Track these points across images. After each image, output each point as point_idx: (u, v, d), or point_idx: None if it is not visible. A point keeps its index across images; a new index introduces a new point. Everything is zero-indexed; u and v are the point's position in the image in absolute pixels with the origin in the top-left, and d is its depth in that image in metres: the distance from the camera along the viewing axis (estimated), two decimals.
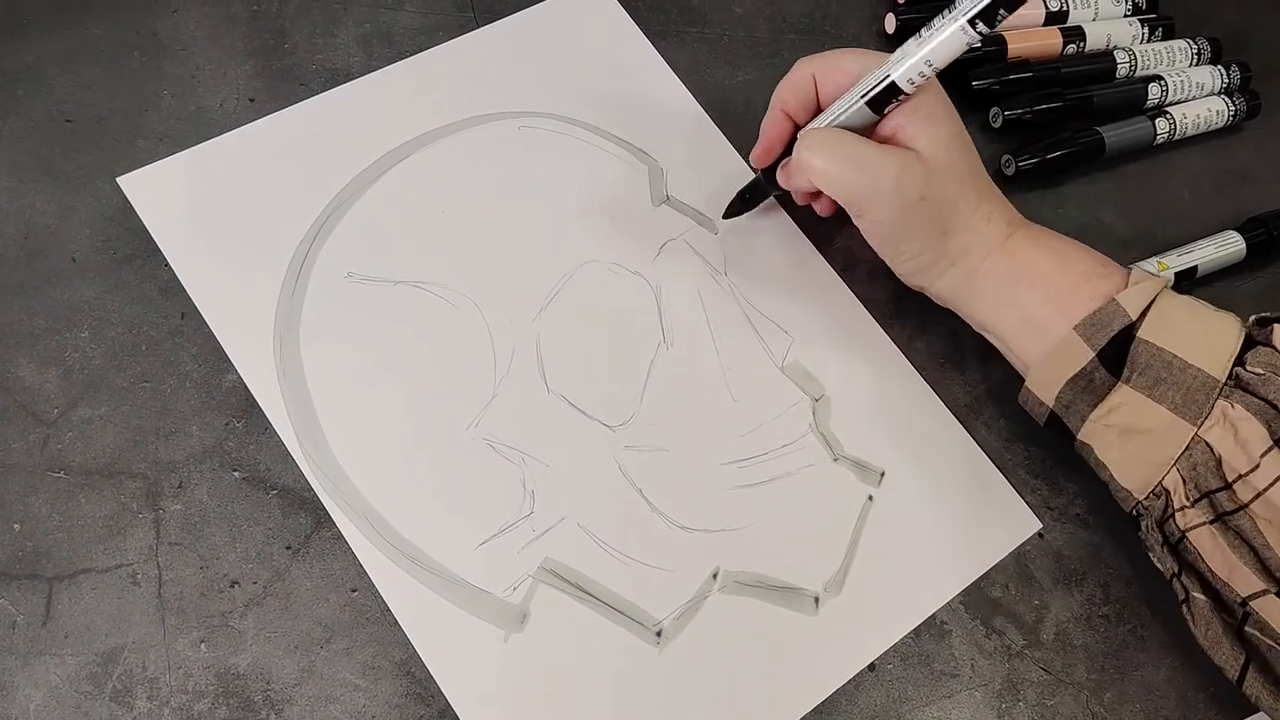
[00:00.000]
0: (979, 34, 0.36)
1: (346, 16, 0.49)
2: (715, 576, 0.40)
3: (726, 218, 0.47)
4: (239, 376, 0.41)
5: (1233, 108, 0.54)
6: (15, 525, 0.38)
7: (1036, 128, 0.52)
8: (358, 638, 0.38)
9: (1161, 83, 0.53)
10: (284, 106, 0.46)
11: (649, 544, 0.40)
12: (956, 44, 0.36)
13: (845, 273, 0.47)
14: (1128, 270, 0.40)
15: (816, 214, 0.47)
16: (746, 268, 0.47)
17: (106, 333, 0.41)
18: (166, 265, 0.42)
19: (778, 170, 0.44)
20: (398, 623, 0.38)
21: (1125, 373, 0.38)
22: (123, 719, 0.35)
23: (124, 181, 0.43)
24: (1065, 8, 0.55)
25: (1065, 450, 0.42)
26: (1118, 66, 0.54)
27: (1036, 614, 0.42)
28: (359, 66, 0.48)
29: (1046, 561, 0.43)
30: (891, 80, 0.38)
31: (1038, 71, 0.53)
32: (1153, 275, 0.39)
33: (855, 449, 0.43)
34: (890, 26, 0.53)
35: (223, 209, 0.43)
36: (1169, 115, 0.53)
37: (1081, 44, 0.54)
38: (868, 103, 0.39)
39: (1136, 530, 0.40)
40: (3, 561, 0.37)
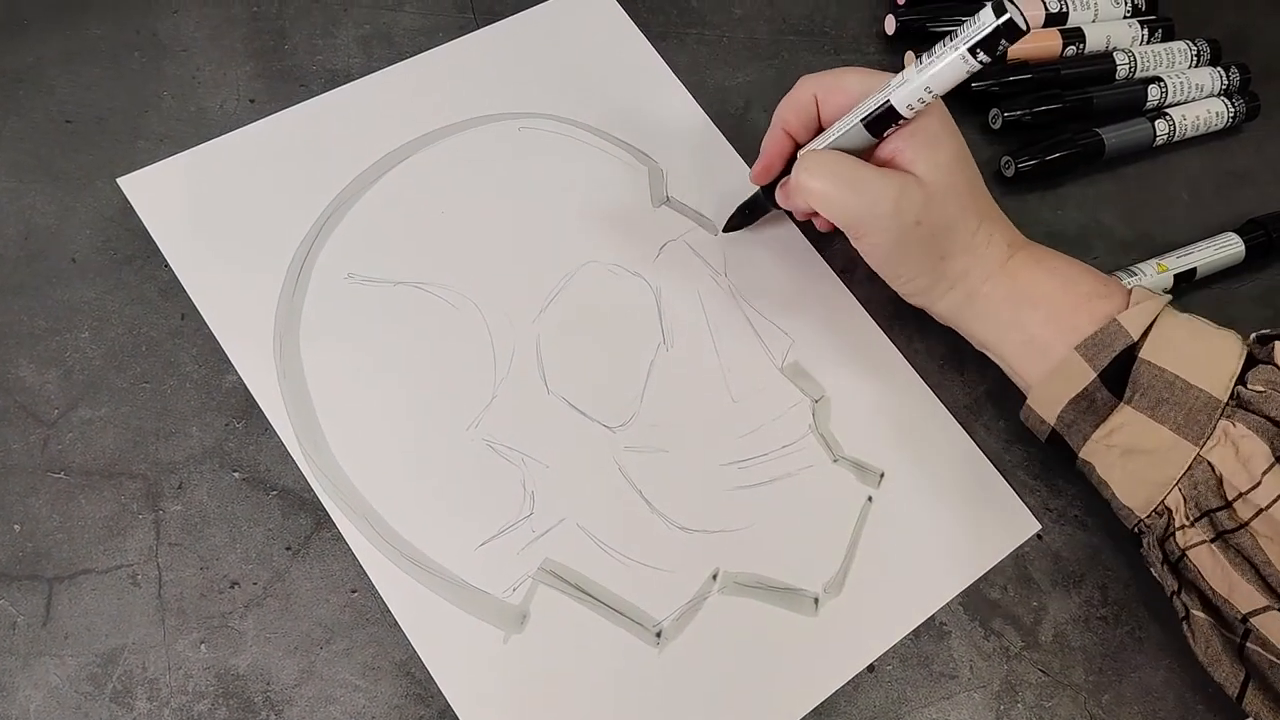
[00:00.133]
0: (980, 63, 0.35)
1: (346, 18, 0.49)
2: (715, 577, 0.40)
3: (726, 231, 0.47)
4: (239, 377, 0.41)
5: (1232, 109, 0.54)
6: (15, 526, 0.38)
7: (1036, 129, 0.52)
8: (357, 638, 0.38)
9: (1161, 84, 0.53)
10: (284, 107, 0.46)
11: (649, 545, 0.40)
12: (956, 72, 0.36)
13: (845, 274, 0.47)
14: (1129, 289, 0.40)
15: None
16: (746, 269, 0.47)
17: (107, 333, 0.41)
18: (166, 266, 0.42)
19: (777, 189, 0.44)
20: (397, 623, 0.38)
21: (1127, 393, 0.38)
22: (123, 719, 0.35)
23: (124, 182, 0.43)
24: (1065, 9, 0.55)
25: (1064, 452, 0.42)
26: (1117, 68, 0.54)
27: (1035, 615, 0.42)
28: (359, 67, 0.48)
29: (1045, 563, 0.43)
30: (890, 104, 0.38)
31: (1037, 73, 0.53)
32: (1154, 294, 0.39)
33: (855, 450, 0.44)
34: (890, 28, 0.53)
35: (223, 210, 0.44)
36: (1168, 117, 0.53)
37: (1081, 45, 0.54)
38: (867, 125, 0.39)
39: (1138, 546, 0.40)
40: (3, 562, 0.37)
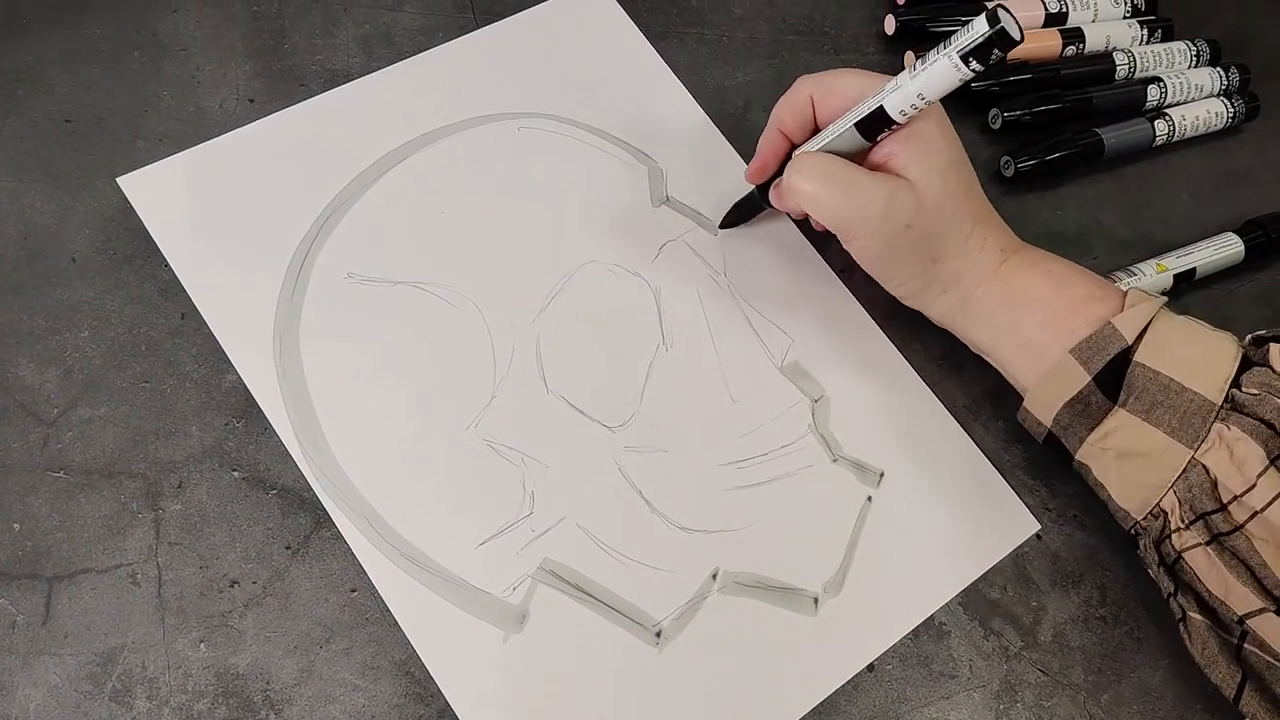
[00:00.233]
0: (972, 71, 0.35)
1: (346, 17, 0.49)
2: (715, 577, 0.40)
3: (722, 228, 0.47)
4: (239, 377, 0.41)
5: (1232, 110, 0.54)
6: (15, 525, 0.38)
7: (1036, 129, 0.52)
8: (357, 638, 0.38)
9: (1161, 84, 0.53)
10: (284, 107, 0.46)
11: (648, 544, 0.40)
12: (949, 79, 0.36)
13: (844, 274, 0.47)
14: (1125, 291, 0.40)
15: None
16: (746, 269, 0.47)
17: (106, 333, 0.41)
18: (166, 265, 0.42)
19: (771, 189, 0.44)
20: (397, 623, 0.38)
21: (1122, 396, 0.38)
22: (122, 719, 0.35)
23: (124, 182, 0.43)
24: (1064, 9, 0.55)
25: (1062, 453, 0.42)
26: (1117, 68, 0.54)
27: (1034, 615, 0.42)
28: (359, 67, 0.48)
29: (1044, 563, 0.43)
30: (883, 109, 0.38)
31: (1037, 73, 0.53)
32: (1150, 296, 0.39)
33: (854, 450, 0.44)
34: (890, 28, 0.53)
35: (223, 209, 0.44)
36: (1168, 117, 0.53)
37: (1081, 45, 0.54)
38: (860, 129, 0.39)
39: (1135, 548, 0.40)
40: (2, 561, 0.37)
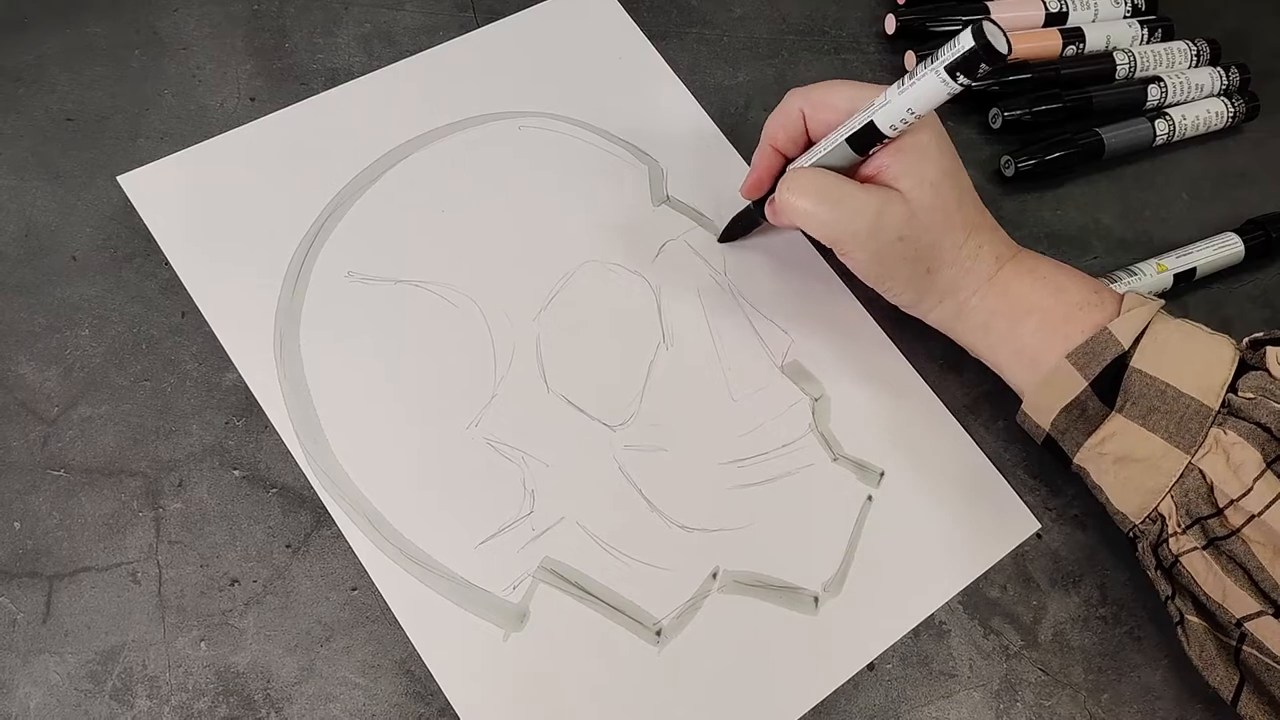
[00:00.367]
0: (960, 85, 0.34)
1: (347, 16, 0.49)
2: (715, 576, 0.40)
3: (721, 242, 0.47)
4: (239, 375, 0.41)
5: (1232, 109, 0.54)
6: (15, 523, 0.38)
7: (1036, 129, 0.52)
8: (357, 636, 0.38)
9: (1161, 84, 0.53)
10: (285, 106, 0.46)
11: (649, 543, 0.40)
12: (937, 93, 0.35)
13: (844, 273, 0.47)
14: (1121, 295, 0.40)
15: None
16: (746, 268, 0.47)
17: (107, 331, 0.41)
18: (167, 264, 0.42)
19: (766, 204, 0.43)
20: (397, 621, 0.38)
21: (1119, 402, 0.38)
22: (122, 717, 0.35)
23: (125, 180, 0.43)
24: (1065, 9, 0.55)
25: (1061, 456, 0.41)
26: (1117, 68, 0.54)
27: (1034, 615, 0.42)
28: (359, 66, 0.48)
29: (1044, 562, 0.43)
30: (873, 123, 0.37)
31: (1037, 72, 0.53)
32: (1147, 299, 0.39)
33: (855, 449, 0.44)
34: (890, 27, 0.53)
35: (223, 208, 0.44)
36: (1168, 117, 0.53)
37: (1081, 45, 0.54)
38: (852, 143, 0.39)
39: (1134, 550, 0.40)
40: (3, 559, 0.37)
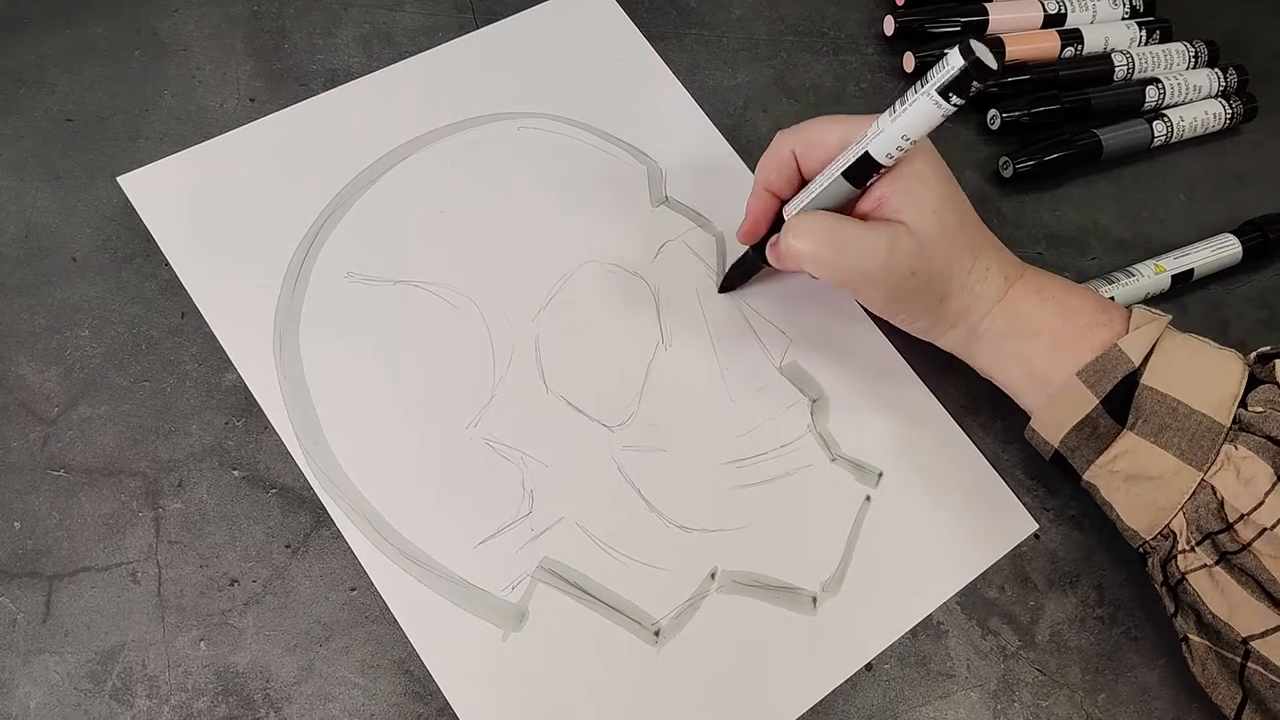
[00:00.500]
0: (953, 105, 0.34)
1: (347, 17, 0.49)
2: (713, 576, 0.40)
3: (722, 292, 0.46)
4: (239, 376, 0.41)
5: (1229, 111, 0.54)
6: (15, 523, 0.38)
7: (1034, 130, 0.52)
8: (357, 636, 0.38)
9: (1159, 85, 0.54)
10: (284, 107, 0.46)
11: (647, 544, 0.40)
12: (931, 116, 0.34)
13: None
14: (1129, 312, 0.39)
15: None
16: None
17: (107, 332, 0.41)
18: (167, 265, 0.42)
19: (767, 248, 0.42)
20: (396, 621, 0.38)
21: (1130, 419, 0.37)
22: (122, 717, 0.36)
23: (124, 181, 0.43)
24: (1063, 10, 0.55)
25: (1067, 469, 0.41)
26: (1115, 69, 0.54)
27: (1032, 615, 0.42)
28: (359, 67, 0.48)
29: (1042, 563, 0.43)
30: (868, 154, 0.37)
31: (1035, 74, 0.53)
32: (1155, 315, 0.39)
33: (853, 449, 0.44)
34: (889, 29, 0.53)
35: (223, 209, 0.44)
36: (1166, 118, 0.53)
37: (1079, 47, 0.54)
38: (848, 177, 0.38)
39: (1143, 566, 0.40)
40: (3, 559, 0.37)
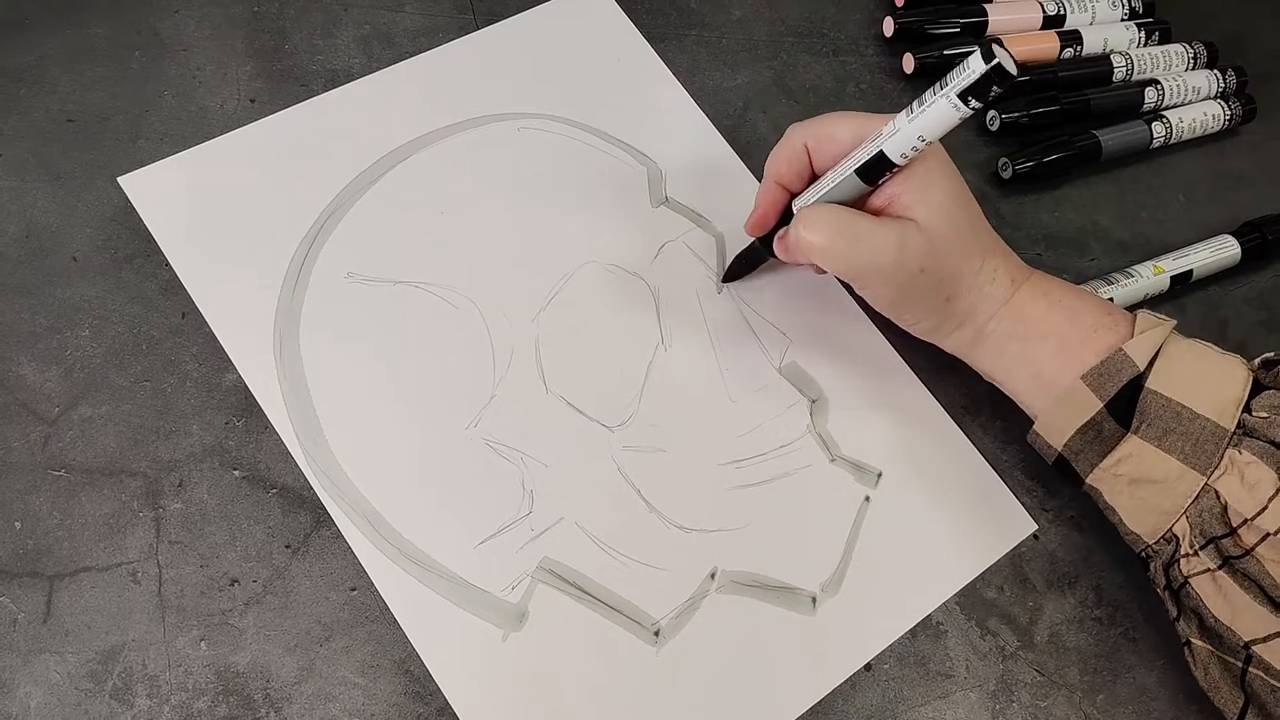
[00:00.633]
0: (971, 109, 0.34)
1: (347, 18, 0.50)
2: (713, 576, 0.40)
3: (726, 281, 0.46)
4: (239, 376, 0.41)
5: (1229, 112, 0.54)
6: (16, 523, 0.38)
7: (1033, 131, 0.52)
8: (357, 636, 0.38)
9: (1158, 86, 0.54)
10: (285, 107, 0.46)
11: (647, 544, 0.40)
12: (948, 118, 0.35)
13: None
14: (1134, 316, 0.40)
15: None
16: None
17: (107, 332, 0.41)
18: (167, 265, 0.42)
19: (775, 240, 0.43)
20: (397, 621, 0.38)
21: (1134, 423, 0.38)
22: (123, 716, 0.36)
23: (125, 181, 0.44)
24: (1062, 12, 0.55)
25: (1070, 473, 0.41)
26: (1114, 70, 0.54)
27: (1030, 615, 0.42)
28: (359, 68, 0.48)
29: (1041, 563, 0.43)
30: (882, 153, 0.37)
31: (1035, 75, 0.53)
32: (1159, 320, 0.39)
33: (852, 450, 0.44)
34: (889, 30, 0.54)
35: (223, 209, 0.44)
36: (1165, 119, 0.53)
37: (1078, 48, 0.54)
38: (861, 174, 0.38)
39: (1146, 570, 0.40)
40: (3, 559, 0.37)
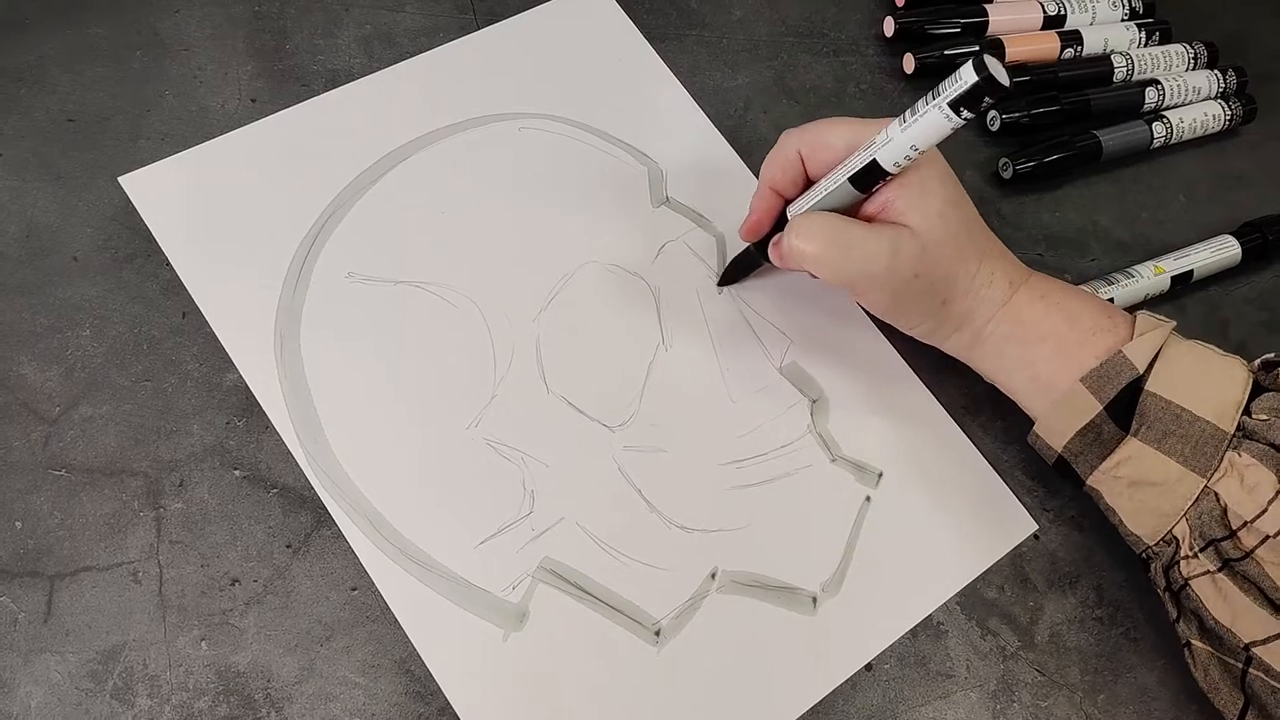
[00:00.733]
0: (963, 119, 0.34)
1: (348, 18, 0.50)
2: (713, 576, 0.41)
3: (721, 285, 0.46)
4: (240, 375, 0.41)
5: (1229, 112, 0.54)
6: (17, 523, 0.38)
7: (1034, 131, 0.52)
8: (358, 636, 0.38)
9: (1158, 87, 0.54)
10: (285, 107, 0.46)
11: (647, 544, 0.41)
12: (940, 128, 0.34)
13: None
14: (1133, 318, 0.39)
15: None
16: None
17: (108, 332, 0.41)
18: (168, 264, 0.42)
19: (770, 246, 0.43)
20: (397, 621, 0.38)
21: (1134, 425, 0.37)
22: (123, 716, 0.36)
23: (125, 181, 0.44)
24: (1063, 12, 0.55)
25: (1070, 474, 0.41)
26: (1115, 70, 0.54)
27: (1031, 615, 0.42)
28: (360, 67, 0.48)
29: (1041, 563, 0.43)
30: (875, 161, 0.37)
31: (1035, 75, 0.53)
32: (1159, 321, 0.39)
33: (853, 450, 0.44)
34: (889, 30, 0.54)
35: (224, 209, 0.44)
36: (1166, 119, 0.53)
37: (1079, 48, 0.54)
38: (854, 182, 0.38)
39: (1146, 571, 0.40)
40: (4, 559, 0.37)
